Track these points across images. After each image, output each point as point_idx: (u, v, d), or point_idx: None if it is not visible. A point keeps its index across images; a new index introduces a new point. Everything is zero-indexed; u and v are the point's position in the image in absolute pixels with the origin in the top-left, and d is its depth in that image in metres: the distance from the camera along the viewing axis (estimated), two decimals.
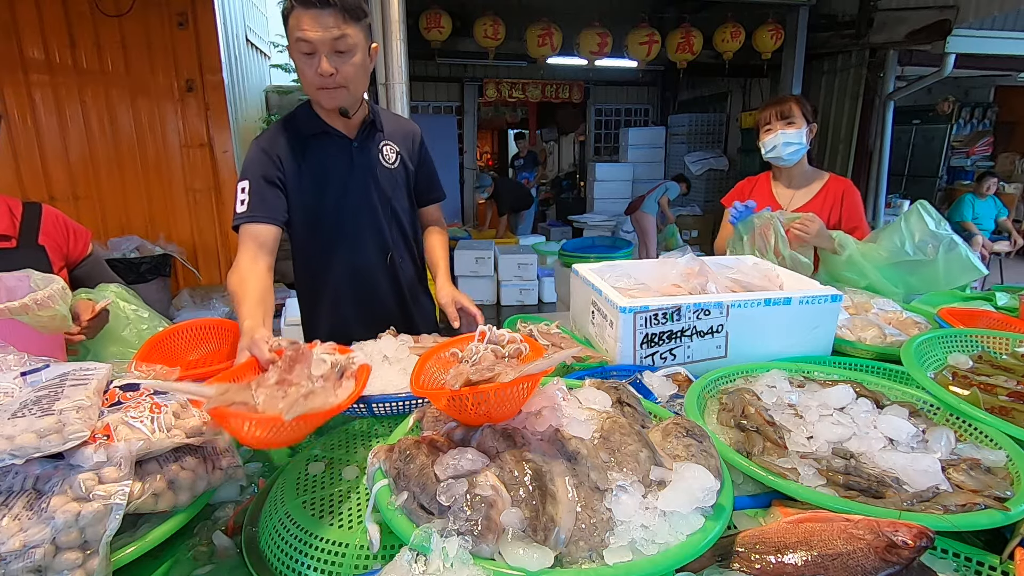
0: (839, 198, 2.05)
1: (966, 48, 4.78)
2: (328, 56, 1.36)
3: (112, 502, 0.73)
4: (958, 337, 1.39)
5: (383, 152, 1.62)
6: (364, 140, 1.58)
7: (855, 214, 2.04)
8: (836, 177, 2.10)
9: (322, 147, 1.54)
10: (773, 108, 2.04)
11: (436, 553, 0.66)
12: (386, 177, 1.62)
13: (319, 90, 1.42)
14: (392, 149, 1.64)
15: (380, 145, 1.62)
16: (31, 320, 1.17)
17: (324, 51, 1.35)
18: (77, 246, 1.65)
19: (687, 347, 1.34)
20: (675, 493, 0.74)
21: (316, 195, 1.55)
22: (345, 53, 1.37)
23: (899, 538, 0.68)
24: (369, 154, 1.59)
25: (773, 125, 2.03)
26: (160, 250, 4.65)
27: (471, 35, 5.57)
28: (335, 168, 1.55)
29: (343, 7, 1.32)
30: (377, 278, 1.68)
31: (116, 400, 0.92)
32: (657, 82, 8.87)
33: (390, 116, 1.70)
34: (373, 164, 1.60)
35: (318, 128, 1.53)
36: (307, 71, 1.39)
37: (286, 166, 1.50)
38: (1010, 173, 8.27)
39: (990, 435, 1.00)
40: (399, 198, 1.67)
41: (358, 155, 1.57)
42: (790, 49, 5.58)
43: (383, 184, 1.61)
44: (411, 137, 1.70)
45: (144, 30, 4.49)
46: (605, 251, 5.16)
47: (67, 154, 4.53)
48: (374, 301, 1.69)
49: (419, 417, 1.00)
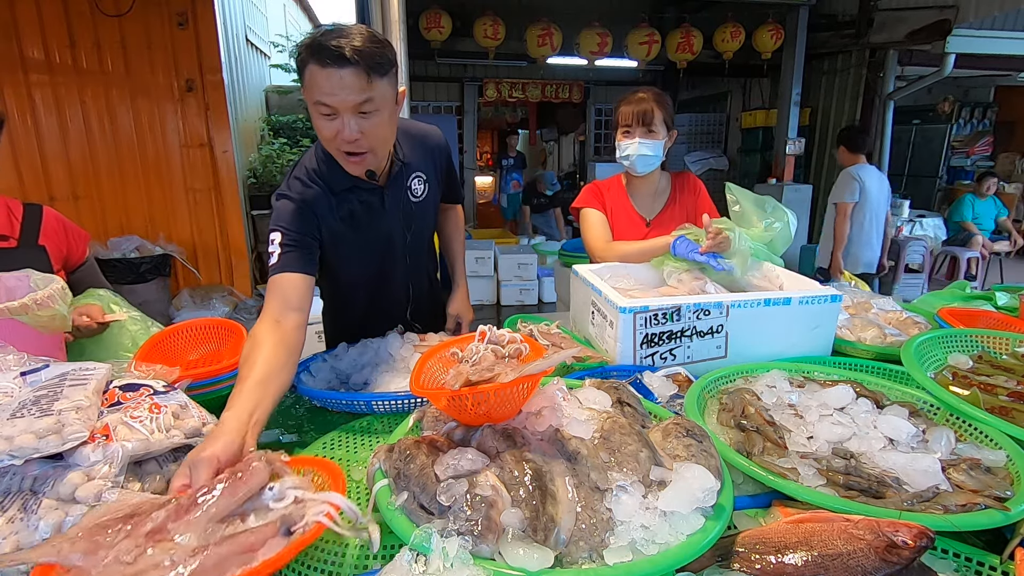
0: (690, 193, 1.96)
1: (966, 48, 4.78)
2: (352, 119, 1.21)
3: (98, 504, 0.73)
4: (958, 337, 1.39)
5: (411, 187, 1.53)
6: (393, 183, 1.48)
7: (707, 202, 1.94)
8: (676, 173, 1.99)
9: (354, 198, 1.44)
10: (633, 108, 1.79)
11: (436, 553, 0.66)
12: (415, 210, 1.55)
13: (343, 154, 1.30)
14: (420, 180, 1.54)
15: (409, 181, 1.52)
16: (31, 320, 1.17)
17: (347, 115, 1.20)
18: (77, 249, 1.65)
19: (687, 347, 1.34)
20: (675, 493, 0.74)
21: (348, 244, 1.47)
22: (369, 114, 1.22)
23: (899, 538, 0.68)
24: (399, 194, 1.50)
25: (633, 129, 1.80)
26: (160, 250, 4.65)
27: (471, 35, 5.57)
28: (367, 216, 1.47)
29: (367, 65, 1.15)
30: (397, 301, 1.67)
31: (116, 400, 0.92)
32: (657, 82, 8.85)
33: (413, 136, 1.56)
34: (402, 202, 1.52)
35: (348, 183, 1.41)
36: (326, 131, 1.24)
37: (322, 222, 1.39)
38: (1010, 173, 8.27)
39: (990, 435, 1.00)
40: (426, 226, 1.64)
41: (389, 199, 1.48)
42: (790, 49, 5.58)
43: (412, 219, 1.56)
44: (435, 152, 1.60)
45: (144, 30, 4.49)
46: None
47: (67, 154, 4.53)
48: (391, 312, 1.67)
49: (419, 417, 1.00)
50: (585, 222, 1.96)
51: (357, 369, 1.41)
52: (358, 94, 1.17)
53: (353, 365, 1.43)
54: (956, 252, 6.01)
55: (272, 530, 0.67)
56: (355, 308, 1.65)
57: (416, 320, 1.70)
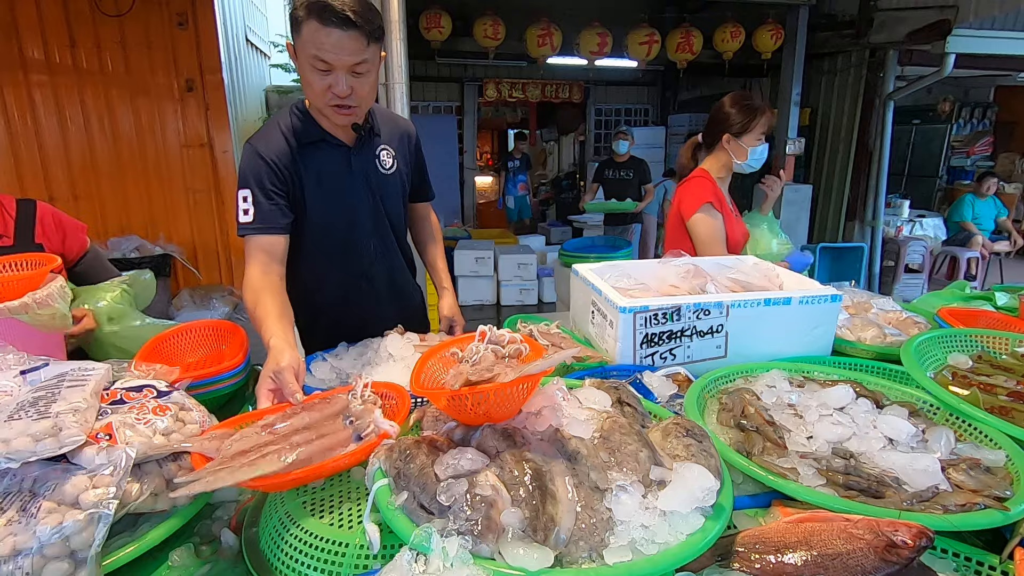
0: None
1: (966, 48, 4.78)
2: (345, 76, 1.31)
3: (99, 511, 0.72)
4: (958, 337, 1.39)
5: (380, 157, 1.59)
6: (362, 147, 1.55)
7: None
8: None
9: (320, 153, 1.50)
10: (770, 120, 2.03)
11: (436, 553, 0.66)
12: (382, 183, 1.60)
13: (332, 107, 1.38)
14: (389, 154, 1.61)
15: (377, 150, 1.59)
16: (30, 319, 1.17)
17: (342, 72, 1.30)
18: (74, 243, 1.63)
19: (687, 347, 1.34)
20: (675, 493, 0.74)
21: (313, 201, 1.52)
22: (362, 75, 1.33)
23: (899, 538, 0.68)
24: (366, 160, 1.57)
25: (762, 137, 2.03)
26: (160, 250, 4.66)
27: (471, 35, 5.57)
28: (333, 175, 1.52)
29: (367, 31, 1.27)
30: (367, 279, 1.68)
31: (118, 398, 0.92)
32: (657, 82, 8.87)
33: (386, 116, 1.67)
34: (370, 170, 1.57)
35: (317, 136, 1.49)
36: (317, 85, 1.33)
37: (284, 174, 1.45)
38: (1010, 173, 8.27)
39: (990, 435, 1.00)
40: (393, 204, 1.66)
41: (356, 161, 1.54)
42: (790, 49, 5.58)
43: (378, 190, 1.60)
44: (406, 138, 1.68)
45: (144, 30, 4.50)
46: (605, 251, 5.15)
47: (67, 154, 4.54)
48: (363, 301, 1.70)
49: (419, 417, 1.00)
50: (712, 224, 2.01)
51: (359, 368, 1.41)
52: (356, 55, 1.29)
53: (353, 364, 1.43)
54: (956, 252, 6.01)
55: (348, 436, 0.91)
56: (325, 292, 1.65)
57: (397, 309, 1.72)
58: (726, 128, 2.01)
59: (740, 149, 2.01)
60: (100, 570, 0.71)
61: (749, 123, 1.98)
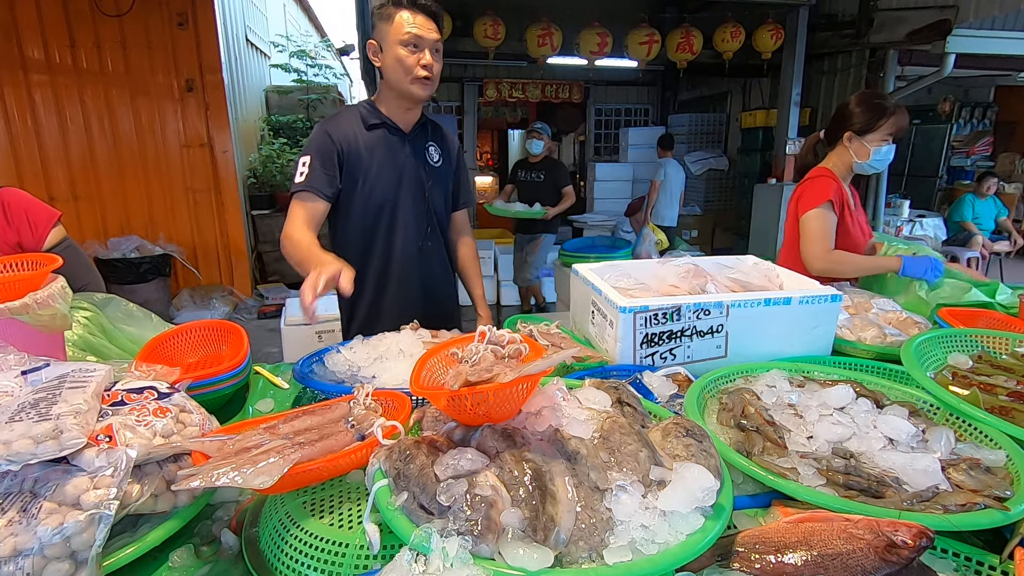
0: None
1: (966, 48, 4.78)
2: (429, 52, 1.60)
3: (100, 512, 0.72)
4: (958, 337, 1.39)
5: (429, 151, 1.81)
6: (416, 136, 1.77)
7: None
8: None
9: (379, 135, 1.73)
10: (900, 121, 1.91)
11: (436, 553, 0.66)
12: (430, 172, 1.79)
13: (419, 79, 1.62)
14: (437, 150, 1.83)
15: (427, 144, 1.81)
16: (31, 319, 1.17)
17: (428, 49, 1.60)
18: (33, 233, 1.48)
19: (687, 347, 1.34)
20: (675, 493, 0.74)
21: (368, 176, 1.71)
22: (438, 53, 1.64)
23: (899, 538, 0.68)
24: (418, 148, 1.78)
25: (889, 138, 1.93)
26: (160, 250, 4.66)
27: (471, 35, 5.56)
28: (388, 155, 1.72)
29: (440, 20, 1.63)
30: (411, 264, 1.80)
31: (119, 399, 0.92)
32: (657, 82, 8.86)
33: (438, 124, 1.91)
34: (420, 158, 1.78)
35: (378, 119, 1.72)
36: (408, 61, 1.59)
37: (346, 149, 1.67)
38: (1010, 173, 8.27)
39: (990, 435, 1.00)
40: (437, 196, 1.83)
41: (409, 146, 1.75)
42: (790, 49, 5.58)
43: (426, 178, 1.78)
44: (452, 144, 1.90)
45: (144, 30, 4.50)
46: (605, 251, 5.15)
47: (67, 154, 4.53)
48: (404, 286, 1.81)
49: (419, 417, 1.00)
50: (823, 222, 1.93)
51: (370, 362, 1.40)
52: (437, 35, 1.62)
53: (366, 358, 1.42)
54: (956, 252, 6.01)
55: (350, 436, 0.93)
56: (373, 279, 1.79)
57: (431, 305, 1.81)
58: (848, 125, 1.94)
59: (862, 148, 1.93)
60: (100, 571, 0.72)
61: (875, 121, 1.90)
